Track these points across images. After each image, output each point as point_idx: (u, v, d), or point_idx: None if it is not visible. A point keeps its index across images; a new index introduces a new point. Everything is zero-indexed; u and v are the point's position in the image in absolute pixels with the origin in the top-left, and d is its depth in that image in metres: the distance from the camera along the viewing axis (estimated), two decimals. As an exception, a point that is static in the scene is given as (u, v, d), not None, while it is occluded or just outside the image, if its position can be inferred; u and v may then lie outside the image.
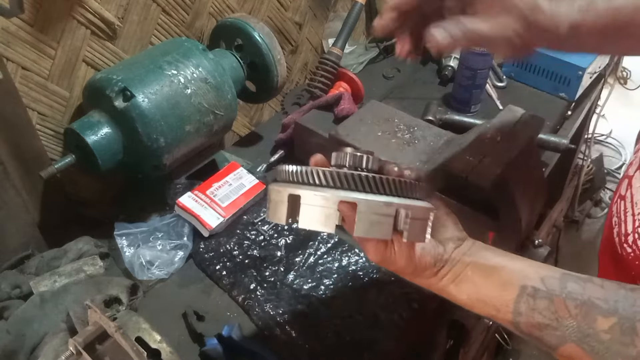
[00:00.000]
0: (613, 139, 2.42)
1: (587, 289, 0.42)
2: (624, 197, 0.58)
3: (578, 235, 2.06)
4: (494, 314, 0.45)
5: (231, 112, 0.85)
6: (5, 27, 0.67)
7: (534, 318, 0.42)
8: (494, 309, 0.45)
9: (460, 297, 0.47)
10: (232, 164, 0.90)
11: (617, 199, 0.60)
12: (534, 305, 0.42)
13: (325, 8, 1.19)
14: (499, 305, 0.44)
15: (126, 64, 0.78)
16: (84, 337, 0.53)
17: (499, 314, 0.44)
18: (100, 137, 0.73)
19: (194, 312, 0.70)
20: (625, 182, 0.59)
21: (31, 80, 0.74)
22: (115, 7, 0.78)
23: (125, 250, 0.76)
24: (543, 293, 0.42)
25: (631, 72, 2.60)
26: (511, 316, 0.44)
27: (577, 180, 1.80)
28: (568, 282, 0.43)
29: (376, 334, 0.69)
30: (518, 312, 0.43)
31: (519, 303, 0.43)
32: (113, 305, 0.67)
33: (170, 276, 0.76)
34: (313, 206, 0.39)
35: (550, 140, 0.93)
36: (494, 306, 0.45)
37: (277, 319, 0.70)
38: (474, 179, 0.65)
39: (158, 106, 0.74)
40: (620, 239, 0.58)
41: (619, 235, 0.58)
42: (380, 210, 0.39)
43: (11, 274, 0.72)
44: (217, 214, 0.81)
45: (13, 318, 0.65)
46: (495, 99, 1.12)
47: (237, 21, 0.90)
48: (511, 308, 0.43)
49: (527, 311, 0.43)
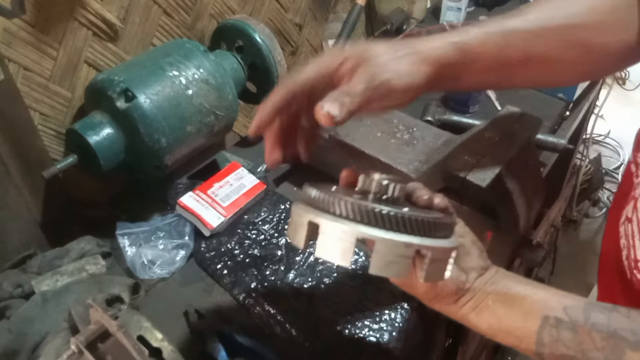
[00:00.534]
0: (611, 139, 2.43)
1: (612, 320, 0.41)
2: (631, 219, 0.56)
3: (576, 235, 2.07)
4: (517, 344, 0.44)
5: (232, 112, 0.85)
6: (7, 28, 0.67)
7: (557, 349, 0.41)
8: (516, 339, 0.44)
9: (481, 326, 0.46)
10: (233, 164, 0.90)
11: (624, 220, 0.58)
12: (557, 336, 0.42)
13: (325, 9, 1.19)
14: (522, 336, 0.43)
15: (128, 65, 0.78)
16: (86, 336, 0.53)
17: (522, 344, 0.44)
18: (102, 137, 0.73)
19: (195, 310, 0.70)
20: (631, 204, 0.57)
21: (33, 81, 0.74)
22: (117, 8, 0.79)
23: (127, 249, 0.76)
24: (566, 324, 0.42)
25: (629, 73, 2.61)
26: (534, 347, 0.43)
27: (575, 180, 1.80)
28: (592, 312, 0.42)
29: (376, 333, 0.70)
30: (541, 343, 0.42)
31: (542, 334, 0.42)
32: (115, 304, 0.68)
33: (171, 275, 0.77)
34: (331, 237, 0.37)
35: (548, 141, 0.93)
36: (516, 337, 0.44)
37: (278, 317, 0.70)
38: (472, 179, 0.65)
39: (159, 107, 0.74)
40: (629, 263, 0.56)
41: (629, 260, 0.56)
42: (399, 251, 0.37)
43: (13, 274, 0.72)
44: (218, 213, 0.82)
45: (15, 317, 0.66)
46: (493, 99, 1.13)
47: (238, 23, 0.90)
48: (534, 339, 0.43)
49: (550, 342, 0.42)
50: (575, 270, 1.83)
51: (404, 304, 0.72)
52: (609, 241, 0.63)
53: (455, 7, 1.34)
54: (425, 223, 0.37)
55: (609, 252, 0.62)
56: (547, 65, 0.54)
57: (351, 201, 0.37)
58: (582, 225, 2.11)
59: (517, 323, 0.44)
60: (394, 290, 0.74)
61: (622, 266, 0.57)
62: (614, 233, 0.60)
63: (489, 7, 1.47)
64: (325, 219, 0.37)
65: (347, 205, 0.37)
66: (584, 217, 2.12)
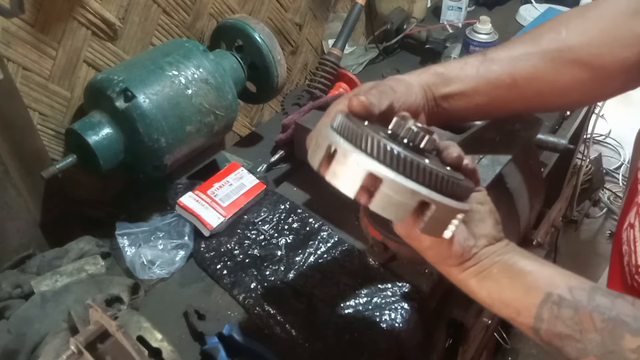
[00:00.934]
0: (612, 139, 2.42)
1: (616, 304, 0.40)
2: (634, 225, 0.56)
3: (577, 235, 2.07)
4: (514, 316, 0.44)
5: (232, 112, 0.85)
6: (6, 28, 0.67)
7: (556, 327, 0.41)
8: (514, 311, 0.43)
9: (480, 293, 0.45)
10: (232, 164, 0.90)
11: (627, 226, 0.58)
12: (557, 313, 0.41)
13: (325, 9, 1.19)
14: (521, 308, 0.43)
15: (127, 65, 0.78)
16: (85, 337, 0.53)
17: (519, 317, 0.43)
18: (101, 137, 0.73)
19: (195, 311, 0.70)
20: (634, 210, 0.57)
21: (32, 81, 0.74)
22: (116, 7, 0.79)
23: (126, 249, 0.76)
24: (569, 302, 0.41)
25: (630, 73, 2.60)
26: (532, 321, 0.42)
27: (575, 180, 1.80)
28: (597, 295, 0.41)
29: (376, 333, 0.69)
30: (540, 318, 0.42)
31: (542, 309, 0.42)
32: (114, 304, 0.67)
33: (171, 275, 0.77)
34: (343, 164, 0.37)
35: (549, 141, 0.93)
36: (515, 308, 0.43)
37: (278, 317, 0.70)
38: (473, 179, 0.65)
39: (159, 107, 0.74)
40: (630, 269, 0.56)
41: (629, 266, 0.56)
42: (404, 197, 0.37)
43: (12, 274, 0.72)
44: (218, 213, 0.81)
45: (14, 317, 0.65)
46: (494, 99, 1.12)
47: (238, 22, 0.90)
48: (533, 312, 0.42)
49: (549, 318, 0.41)
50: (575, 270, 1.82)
51: (404, 304, 0.72)
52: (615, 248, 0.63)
53: (456, 7, 1.34)
54: (439, 178, 0.37)
55: (615, 259, 0.62)
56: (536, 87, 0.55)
57: (373, 136, 0.37)
58: (583, 226, 2.10)
59: (518, 295, 0.43)
60: (394, 290, 0.74)
61: (624, 272, 0.56)
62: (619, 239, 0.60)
63: (489, 7, 1.47)
64: (343, 146, 0.37)
65: (369, 139, 0.37)
66: (584, 217, 2.12)
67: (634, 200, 0.57)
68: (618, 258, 0.59)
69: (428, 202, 0.37)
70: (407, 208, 0.37)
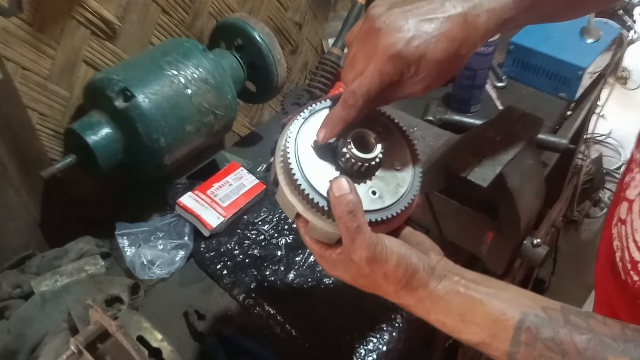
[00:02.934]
0: (612, 139, 2.42)
1: (590, 324, 0.39)
2: (625, 221, 0.55)
3: (577, 235, 2.06)
4: (488, 341, 0.41)
5: (231, 112, 0.85)
6: (4, 27, 0.67)
7: (535, 349, 0.39)
8: (489, 334, 0.40)
9: (448, 317, 0.42)
10: (232, 164, 0.90)
11: (616, 221, 0.57)
12: (537, 334, 0.39)
13: (325, 8, 1.19)
14: (497, 331, 0.40)
15: (126, 64, 0.78)
16: (85, 337, 0.53)
17: (493, 341, 0.40)
18: (100, 137, 0.73)
19: (194, 311, 0.70)
20: (624, 206, 0.56)
21: (31, 80, 0.74)
22: (115, 6, 0.78)
23: (126, 249, 0.76)
24: (546, 323, 0.39)
25: (631, 72, 2.60)
26: (508, 345, 0.40)
27: (576, 180, 1.80)
28: (570, 315, 0.40)
29: (376, 333, 0.69)
30: (517, 341, 0.39)
31: (520, 330, 0.39)
32: (114, 304, 0.67)
33: (171, 275, 0.77)
34: (281, 194, 0.45)
35: (549, 140, 0.93)
36: (489, 331, 0.40)
37: (278, 318, 0.70)
38: (473, 178, 0.65)
39: (158, 106, 0.74)
40: (624, 265, 0.55)
41: (623, 261, 0.55)
42: (290, 207, 0.44)
43: (12, 274, 0.72)
44: (218, 213, 0.81)
45: (14, 318, 0.65)
46: (494, 99, 1.12)
47: (237, 21, 0.90)
48: (510, 335, 0.39)
49: (528, 340, 0.39)
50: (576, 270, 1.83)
51: (405, 305, 0.72)
52: (604, 242, 0.63)
53: (456, 6, 1.33)
54: (311, 200, 0.43)
55: (604, 254, 0.62)
56: None
57: (305, 190, 0.43)
58: (583, 226, 2.10)
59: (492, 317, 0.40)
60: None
61: (617, 268, 0.56)
62: (608, 234, 0.60)
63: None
64: (281, 182, 0.44)
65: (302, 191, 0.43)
66: (585, 218, 2.11)
67: (621, 195, 0.57)
68: (608, 254, 0.59)
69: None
70: (294, 212, 0.45)
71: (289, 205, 0.44)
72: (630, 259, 0.54)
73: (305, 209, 0.44)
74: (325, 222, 0.44)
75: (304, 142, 0.44)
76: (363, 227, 0.41)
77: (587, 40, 1.14)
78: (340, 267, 0.46)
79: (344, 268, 0.45)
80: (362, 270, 0.43)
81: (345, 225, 0.41)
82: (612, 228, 0.58)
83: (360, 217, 0.41)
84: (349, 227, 0.41)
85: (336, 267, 0.46)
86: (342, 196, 0.41)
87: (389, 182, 0.45)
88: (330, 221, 0.43)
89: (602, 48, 1.13)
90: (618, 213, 0.57)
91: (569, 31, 1.15)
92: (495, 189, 0.66)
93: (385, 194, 0.44)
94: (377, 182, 0.45)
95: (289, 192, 0.44)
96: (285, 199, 0.44)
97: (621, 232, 0.56)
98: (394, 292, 0.44)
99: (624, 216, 0.56)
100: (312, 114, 0.46)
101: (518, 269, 1.27)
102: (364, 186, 0.44)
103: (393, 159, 0.46)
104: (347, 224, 0.41)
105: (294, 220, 0.46)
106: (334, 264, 0.46)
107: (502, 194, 0.68)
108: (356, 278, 0.46)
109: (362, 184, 0.44)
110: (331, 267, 0.47)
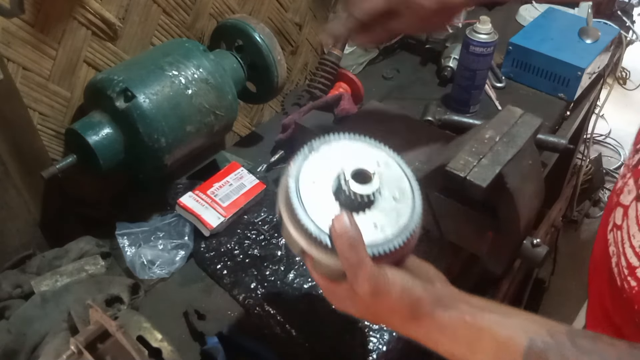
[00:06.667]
0: (612, 139, 2.43)
1: (599, 347, 0.39)
2: (620, 227, 0.55)
3: (577, 235, 2.07)
4: None
5: (232, 112, 0.85)
6: (6, 28, 0.67)
7: None
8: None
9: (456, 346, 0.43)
10: (232, 164, 0.90)
11: (612, 227, 0.57)
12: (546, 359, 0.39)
13: (325, 9, 1.19)
14: (505, 358, 0.40)
15: (127, 65, 0.78)
16: (85, 337, 0.53)
17: None
18: (101, 137, 0.73)
19: (195, 311, 0.70)
20: (620, 212, 0.56)
21: (32, 81, 0.74)
22: (116, 7, 0.79)
23: (126, 249, 0.76)
24: (554, 347, 0.39)
25: (630, 73, 2.61)
26: None
27: (575, 180, 1.80)
28: (577, 338, 0.40)
29: (376, 333, 0.69)
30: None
31: (528, 356, 0.39)
32: (114, 304, 0.67)
33: (171, 275, 0.77)
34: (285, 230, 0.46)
35: (549, 141, 0.93)
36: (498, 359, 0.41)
37: (278, 317, 0.70)
38: (472, 179, 0.65)
39: (159, 107, 0.74)
40: (620, 270, 0.55)
41: (619, 267, 0.55)
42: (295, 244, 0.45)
43: (12, 274, 0.72)
44: (218, 213, 0.81)
45: (14, 317, 0.65)
46: (494, 99, 1.12)
47: (238, 22, 0.90)
48: None
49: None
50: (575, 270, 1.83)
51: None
52: (598, 248, 0.63)
53: (456, 7, 1.34)
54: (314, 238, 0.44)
55: (599, 259, 0.61)
56: None
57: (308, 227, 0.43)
58: (583, 226, 2.10)
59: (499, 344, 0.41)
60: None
61: (613, 274, 0.56)
62: (603, 239, 0.59)
63: (489, 7, 1.47)
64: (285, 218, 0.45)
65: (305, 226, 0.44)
66: (584, 218, 2.12)
67: (615, 201, 0.57)
68: (604, 260, 0.59)
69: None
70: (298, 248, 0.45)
71: (293, 241, 0.45)
72: (627, 265, 0.53)
73: (309, 245, 0.44)
74: (330, 258, 0.44)
75: (306, 179, 0.45)
76: (364, 261, 0.42)
77: (585, 40, 1.14)
78: (347, 302, 0.47)
79: (351, 303, 0.46)
80: (367, 303, 0.44)
81: (347, 260, 0.42)
82: (607, 234, 0.58)
83: (361, 251, 0.42)
84: (351, 262, 0.42)
85: (344, 301, 0.47)
86: (343, 232, 0.41)
87: (389, 214, 0.45)
88: (335, 257, 0.43)
89: (601, 48, 1.13)
90: (613, 219, 0.57)
91: (567, 32, 1.16)
92: (494, 189, 0.66)
93: (386, 226, 0.44)
94: (377, 213, 0.45)
95: (293, 229, 0.44)
96: (289, 235, 0.45)
97: (617, 237, 0.56)
98: (401, 325, 0.45)
99: (620, 222, 0.56)
100: (313, 151, 0.47)
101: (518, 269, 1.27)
102: (366, 219, 0.44)
103: (393, 191, 0.47)
104: (349, 259, 0.42)
105: (300, 256, 0.46)
106: (342, 298, 0.47)
107: (501, 194, 0.68)
108: (363, 312, 0.47)
109: (364, 216, 0.44)
110: (339, 302, 0.48)
